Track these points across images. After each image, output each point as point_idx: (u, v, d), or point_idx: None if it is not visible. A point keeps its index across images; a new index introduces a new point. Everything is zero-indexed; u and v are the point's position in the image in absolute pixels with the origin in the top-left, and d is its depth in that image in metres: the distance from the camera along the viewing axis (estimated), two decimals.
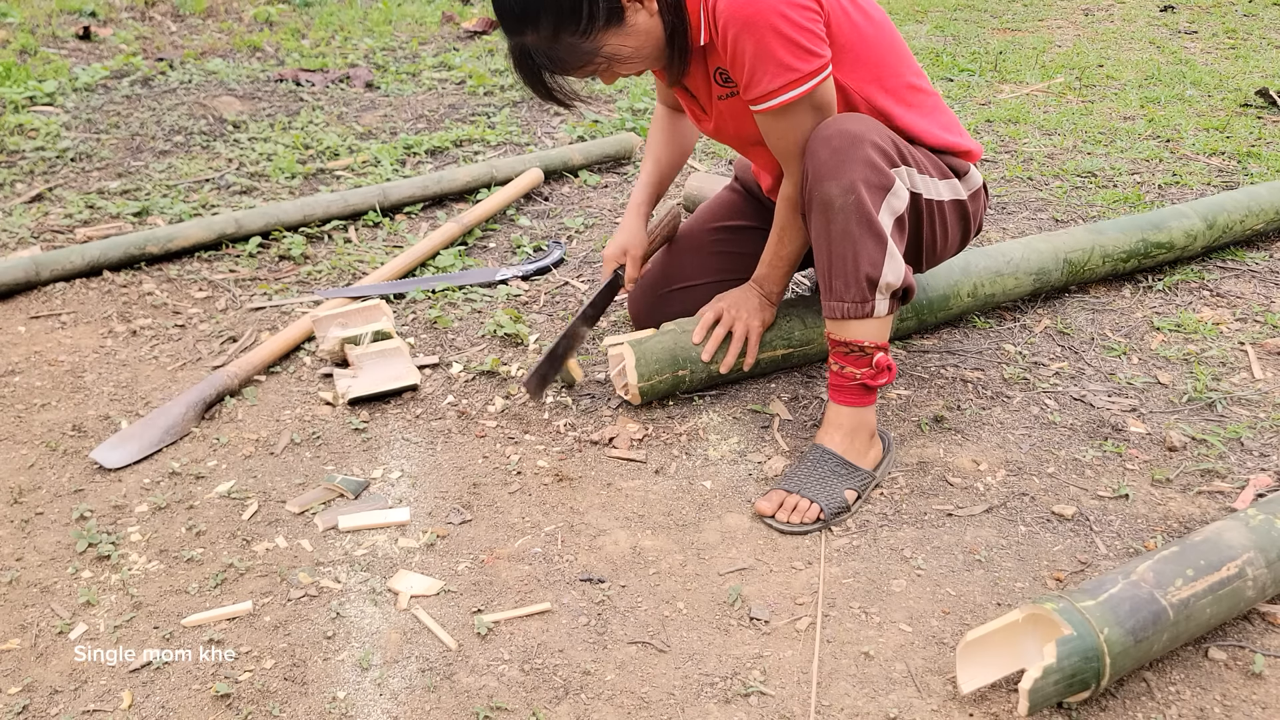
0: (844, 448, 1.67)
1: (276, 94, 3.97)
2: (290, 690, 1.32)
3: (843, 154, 1.57)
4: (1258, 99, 3.70)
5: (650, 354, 1.85)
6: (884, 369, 1.65)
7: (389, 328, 2.03)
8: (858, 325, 1.64)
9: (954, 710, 1.28)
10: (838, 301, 1.63)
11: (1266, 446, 1.77)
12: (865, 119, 1.62)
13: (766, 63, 1.55)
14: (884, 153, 1.60)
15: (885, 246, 1.60)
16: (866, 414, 1.69)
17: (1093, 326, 2.18)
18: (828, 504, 1.60)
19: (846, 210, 1.57)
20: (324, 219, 2.72)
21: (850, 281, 1.61)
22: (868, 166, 1.57)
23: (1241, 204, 2.43)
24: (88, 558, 1.56)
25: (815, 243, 1.64)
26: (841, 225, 1.58)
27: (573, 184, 3.08)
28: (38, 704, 1.31)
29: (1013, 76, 4.15)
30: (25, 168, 3.13)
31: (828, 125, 1.60)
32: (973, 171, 1.82)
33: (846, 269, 1.60)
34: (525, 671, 1.34)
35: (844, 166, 1.57)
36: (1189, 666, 1.33)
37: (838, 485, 1.63)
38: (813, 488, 1.62)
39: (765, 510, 1.61)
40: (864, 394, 1.67)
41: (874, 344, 1.65)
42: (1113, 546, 1.55)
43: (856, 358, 1.65)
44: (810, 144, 1.61)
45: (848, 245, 1.59)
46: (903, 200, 1.63)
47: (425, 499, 1.68)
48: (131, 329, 2.23)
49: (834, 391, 1.70)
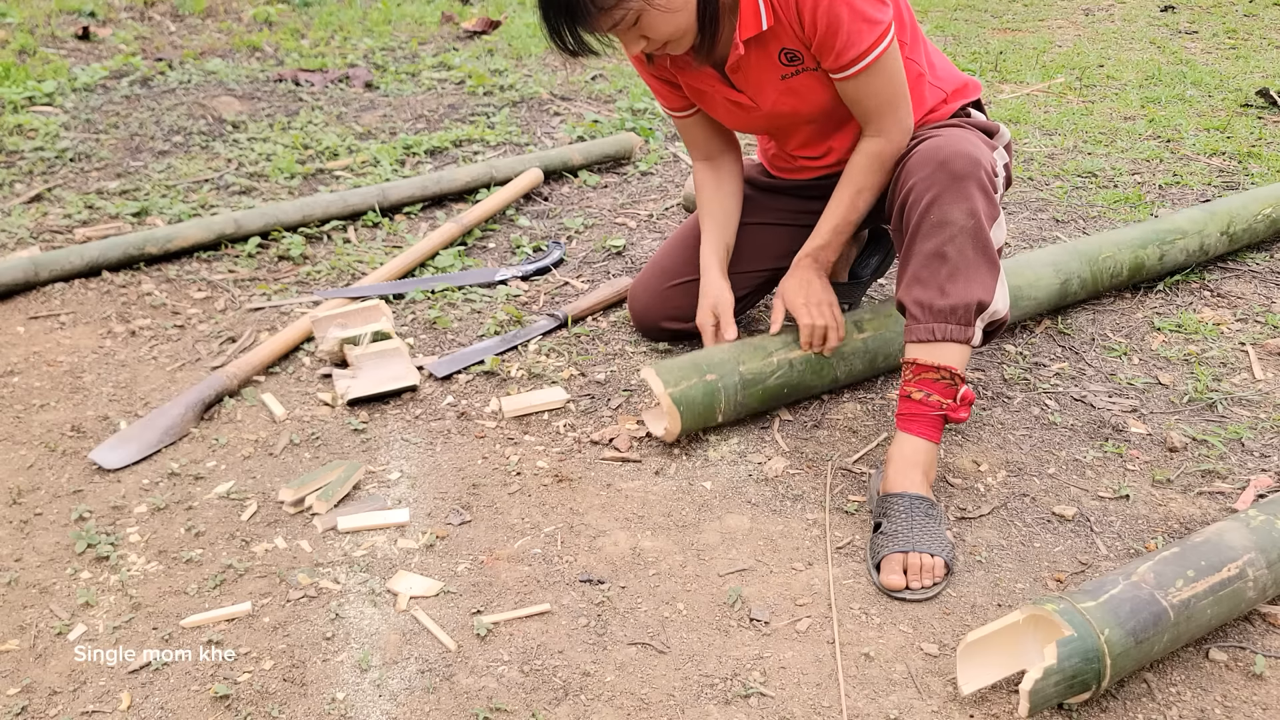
0: (925, 491, 1.56)
1: (276, 94, 3.97)
2: (289, 691, 1.31)
3: (964, 178, 1.58)
4: (1258, 99, 3.69)
5: (674, 370, 1.77)
6: (967, 403, 1.59)
7: (388, 328, 2.03)
8: (951, 350, 1.58)
9: (954, 711, 1.27)
10: (941, 323, 1.57)
11: (1267, 447, 1.77)
12: (968, 137, 1.64)
13: (857, 23, 1.60)
14: (992, 180, 1.61)
15: (997, 273, 1.60)
16: (936, 453, 1.60)
17: (1093, 327, 2.18)
18: (945, 553, 1.48)
19: (966, 233, 1.57)
20: (323, 219, 2.71)
21: (959, 304, 1.57)
22: (984, 194, 1.59)
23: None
24: (87, 558, 1.56)
25: (923, 257, 1.59)
26: (959, 246, 1.57)
27: (572, 184, 3.08)
28: (36, 705, 1.31)
29: (1013, 76, 4.15)
30: (24, 168, 3.13)
31: (943, 145, 1.61)
32: (1001, 128, 1.83)
33: (957, 288, 1.57)
34: (525, 673, 1.34)
35: (966, 191, 1.57)
36: (1190, 667, 1.33)
37: (938, 529, 1.51)
38: (923, 539, 1.48)
39: (895, 585, 1.45)
40: (940, 426, 1.59)
41: (961, 375, 1.59)
42: (1113, 547, 1.55)
43: (946, 385, 1.58)
44: (925, 157, 1.61)
45: (962, 266, 1.57)
46: (1003, 230, 1.64)
47: (424, 500, 1.68)
48: (130, 329, 2.23)
49: (909, 421, 1.60)
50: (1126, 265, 2.22)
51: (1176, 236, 2.28)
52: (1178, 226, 2.29)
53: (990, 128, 1.82)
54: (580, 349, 2.12)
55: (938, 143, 1.63)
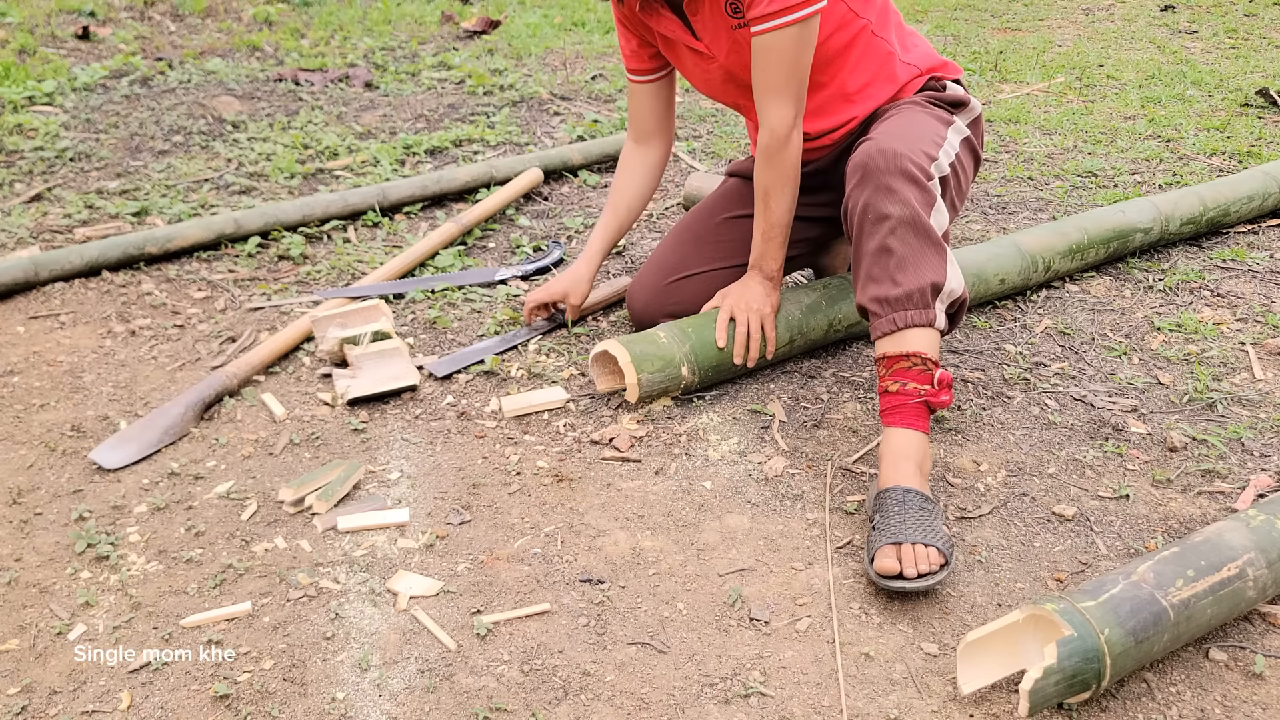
0: (919, 484, 1.53)
1: (275, 94, 3.97)
2: (289, 691, 1.31)
3: (889, 173, 1.61)
4: (1258, 99, 3.69)
5: (640, 349, 1.86)
6: (946, 385, 1.58)
7: (388, 328, 2.03)
8: (917, 335, 1.59)
9: (954, 711, 1.27)
10: (899, 311, 1.59)
11: (1267, 447, 1.77)
12: (907, 122, 1.69)
13: None
14: (922, 168, 1.63)
15: (945, 255, 1.62)
16: (927, 443, 1.58)
17: (1093, 327, 2.18)
18: (942, 543, 1.44)
19: (905, 223, 1.59)
20: (323, 219, 2.71)
21: (913, 289, 1.58)
22: (912, 183, 1.61)
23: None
24: (86, 558, 1.56)
25: (870, 256, 1.62)
26: (900, 237, 1.59)
27: (572, 184, 3.08)
28: (36, 704, 1.31)
29: (1013, 76, 4.15)
30: (24, 168, 3.13)
31: (868, 146, 1.66)
32: (972, 101, 1.86)
33: (907, 276, 1.59)
34: (525, 672, 1.34)
35: (892, 184, 1.60)
36: (1190, 667, 1.33)
37: (934, 521, 1.47)
38: (917, 530, 1.45)
39: (889, 569, 1.40)
40: (924, 416, 1.58)
41: (934, 359, 1.59)
42: (1113, 547, 1.55)
43: (919, 371, 1.58)
44: (854, 165, 1.66)
45: (908, 254, 1.59)
46: (944, 215, 1.66)
47: (424, 499, 1.68)
48: (130, 329, 2.23)
49: (893, 415, 1.59)
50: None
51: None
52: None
53: (958, 99, 1.84)
54: (580, 349, 2.12)
55: (864, 145, 1.67)
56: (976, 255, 2.20)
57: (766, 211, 1.85)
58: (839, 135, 1.92)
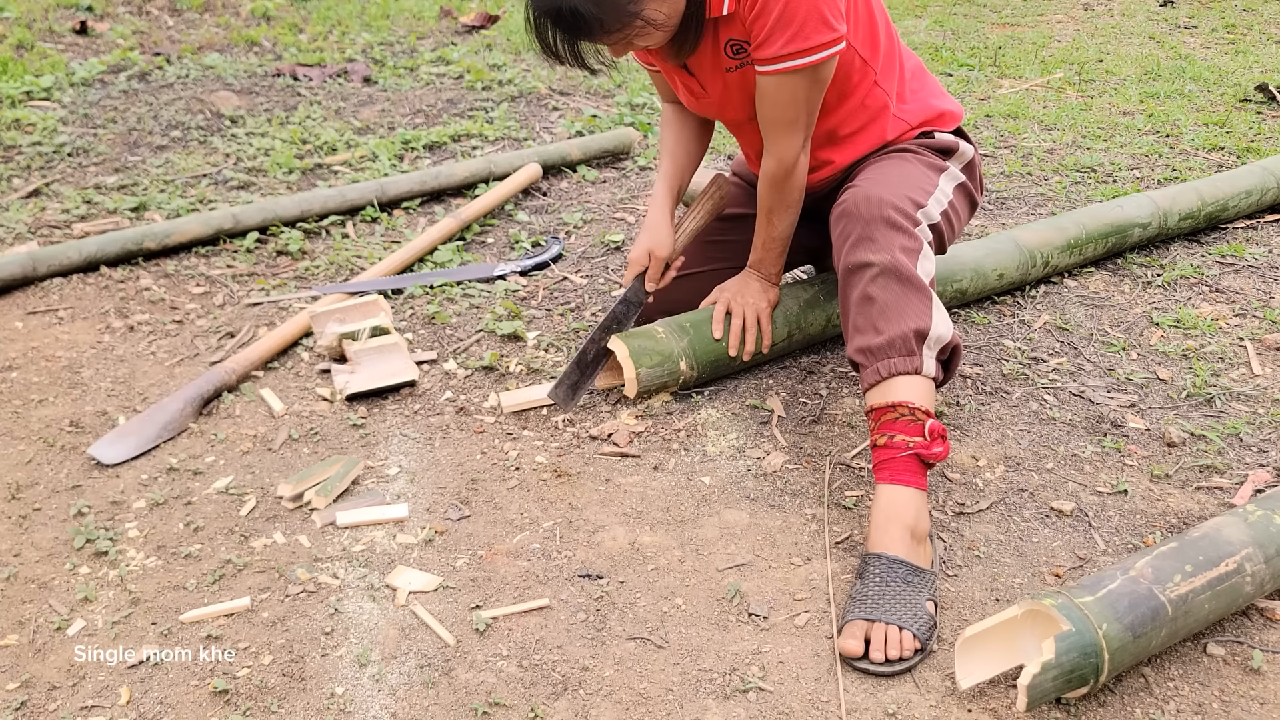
0: (908, 550, 1.43)
1: (274, 89, 3.96)
2: (288, 686, 1.32)
3: (870, 221, 1.60)
4: (1257, 94, 3.69)
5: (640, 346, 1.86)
6: (939, 436, 1.49)
7: (387, 323, 2.03)
8: (905, 384, 1.53)
9: (952, 706, 1.28)
10: (883, 360, 1.54)
11: (1265, 442, 1.77)
12: (890, 172, 1.67)
13: (790, 23, 1.56)
14: (906, 214, 1.62)
15: (930, 300, 1.58)
16: (923, 501, 1.48)
17: (1092, 322, 2.18)
18: (918, 627, 1.34)
19: (886, 270, 1.57)
20: (322, 214, 2.71)
21: (895, 336, 1.54)
22: (895, 230, 1.60)
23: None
24: (85, 554, 1.56)
25: (855, 307, 1.59)
26: (881, 285, 1.57)
27: (571, 179, 3.08)
28: (36, 700, 1.31)
29: (1012, 71, 4.14)
30: (22, 163, 3.12)
31: (848, 196, 1.65)
32: (961, 146, 1.84)
33: (890, 324, 1.55)
34: (524, 667, 1.34)
35: (873, 233, 1.59)
36: (1187, 662, 1.33)
37: (917, 598, 1.38)
38: (893, 610, 1.35)
39: (852, 651, 1.33)
40: (918, 470, 1.49)
41: (923, 409, 1.51)
42: (1111, 542, 1.55)
43: (908, 423, 1.50)
44: (837, 215, 1.65)
45: (890, 302, 1.56)
46: (931, 261, 1.64)
47: (423, 495, 1.68)
48: (129, 325, 2.23)
49: (883, 470, 1.50)
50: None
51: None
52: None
53: (947, 146, 1.82)
54: (580, 345, 2.12)
55: (849, 192, 1.66)
56: (975, 251, 2.20)
57: (768, 226, 1.84)
58: (816, 180, 1.87)
